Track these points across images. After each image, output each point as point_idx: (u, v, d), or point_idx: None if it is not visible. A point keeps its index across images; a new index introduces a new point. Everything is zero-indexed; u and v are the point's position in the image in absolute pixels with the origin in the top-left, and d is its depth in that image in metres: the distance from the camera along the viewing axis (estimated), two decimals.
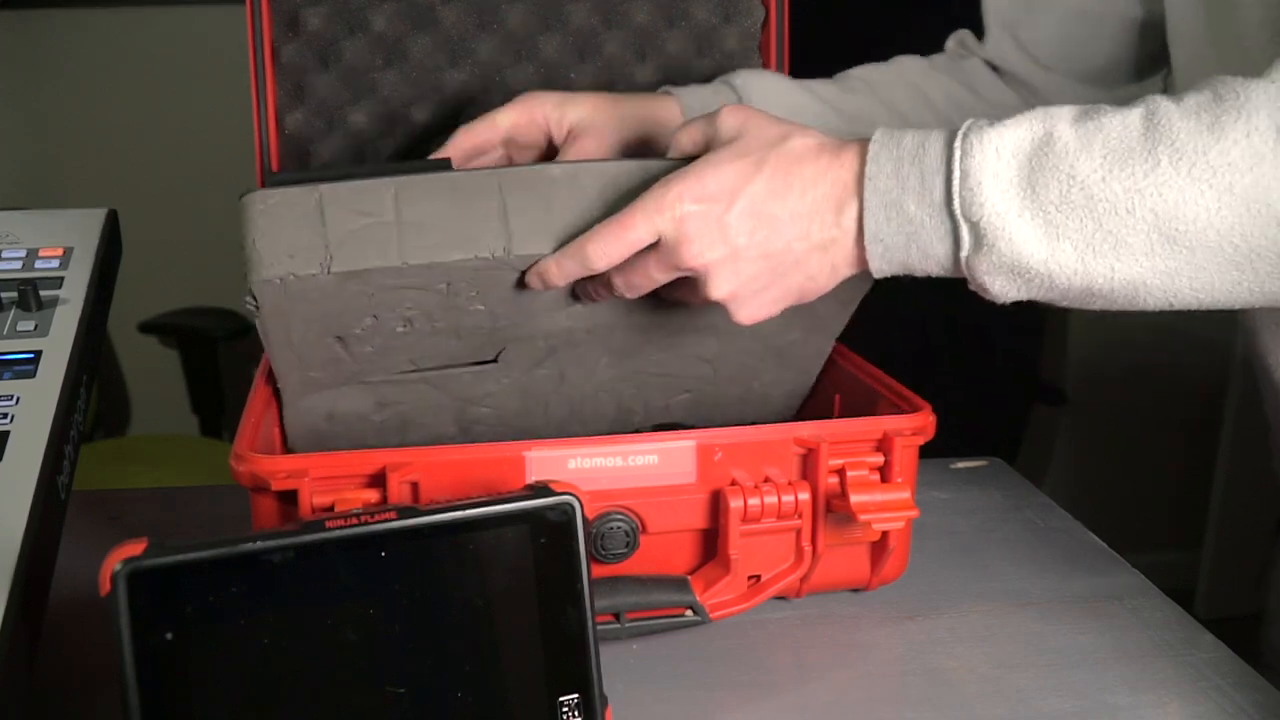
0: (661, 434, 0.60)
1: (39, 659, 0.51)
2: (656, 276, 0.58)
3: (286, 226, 0.56)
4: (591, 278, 0.60)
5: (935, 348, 1.80)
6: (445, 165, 0.65)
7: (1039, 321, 2.05)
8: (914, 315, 1.63)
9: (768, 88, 0.77)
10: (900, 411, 0.64)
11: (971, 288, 0.57)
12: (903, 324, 1.64)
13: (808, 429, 0.61)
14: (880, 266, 0.56)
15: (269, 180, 0.60)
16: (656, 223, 0.56)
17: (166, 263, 1.96)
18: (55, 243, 0.67)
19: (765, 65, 0.81)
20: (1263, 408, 0.76)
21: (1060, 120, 0.53)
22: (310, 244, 0.56)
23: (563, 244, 0.58)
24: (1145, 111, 0.51)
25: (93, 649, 0.58)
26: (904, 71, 0.84)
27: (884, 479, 0.62)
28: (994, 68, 0.84)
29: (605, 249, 0.57)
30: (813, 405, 0.77)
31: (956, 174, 0.53)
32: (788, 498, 0.60)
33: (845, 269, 0.58)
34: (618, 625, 0.61)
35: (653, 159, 0.61)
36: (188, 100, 2.12)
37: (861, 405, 0.70)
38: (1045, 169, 0.52)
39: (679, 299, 0.62)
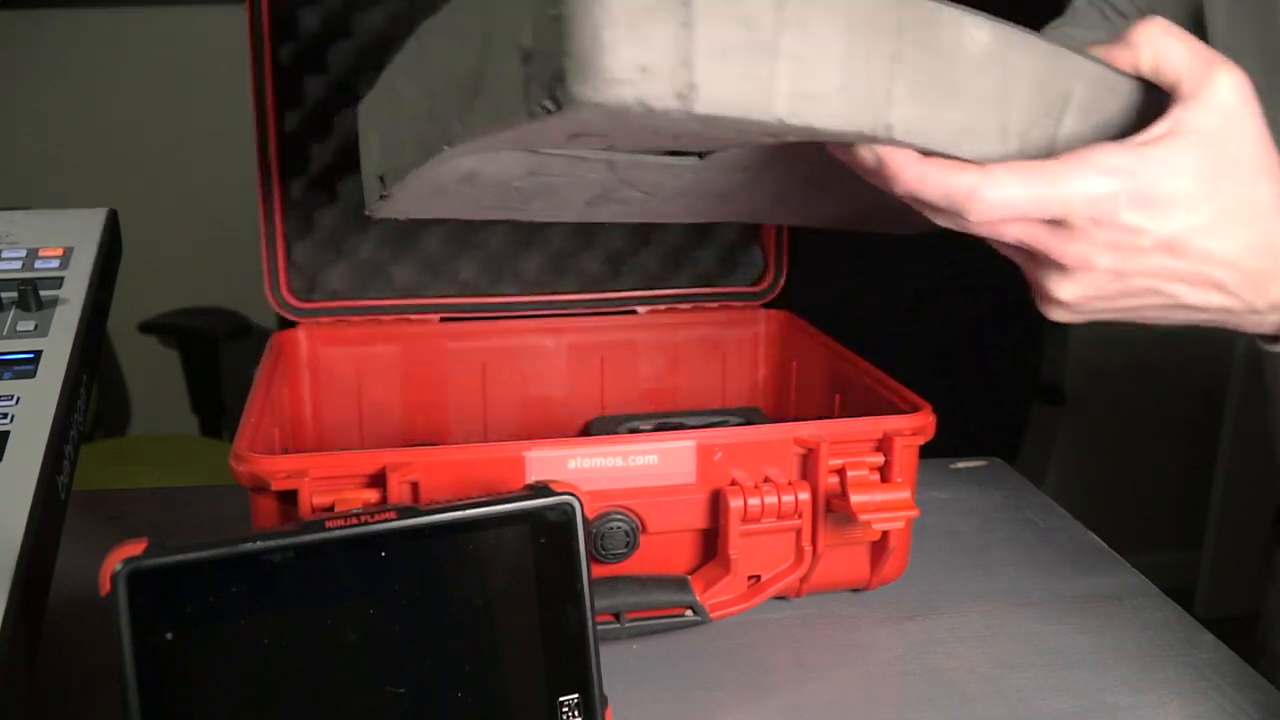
0: (661, 434, 0.60)
1: (39, 659, 0.51)
2: (1005, 236, 0.46)
3: (640, 21, 0.37)
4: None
5: (935, 348, 1.80)
6: None
7: (1039, 321, 2.05)
8: (914, 315, 1.63)
9: None
10: (900, 411, 0.64)
11: None
12: (903, 324, 1.64)
13: (808, 429, 0.61)
14: None
15: None
16: (1069, 212, 0.44)
17: (166, 263, 1.96)
18: (55, 243, 0.67)
19: None
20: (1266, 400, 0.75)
21: None
22: (667, 59, 0.37)
23: (944, 141, 0.44)
24: None
25: (93, 649, 0.58)
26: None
27: (884, 479, 0.62)
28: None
29: (989, 215, 0.44)
30: (813, 405, 0.77)
31: None
32: (788, 498, 0.60)
33: (1205, 321, 0.49)
34: (618, 625, 0.61)
35: (1095, 61, 0.46)
36: (188, 100, 2.12)
37: (861, 405, 0.70)
38: None
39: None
